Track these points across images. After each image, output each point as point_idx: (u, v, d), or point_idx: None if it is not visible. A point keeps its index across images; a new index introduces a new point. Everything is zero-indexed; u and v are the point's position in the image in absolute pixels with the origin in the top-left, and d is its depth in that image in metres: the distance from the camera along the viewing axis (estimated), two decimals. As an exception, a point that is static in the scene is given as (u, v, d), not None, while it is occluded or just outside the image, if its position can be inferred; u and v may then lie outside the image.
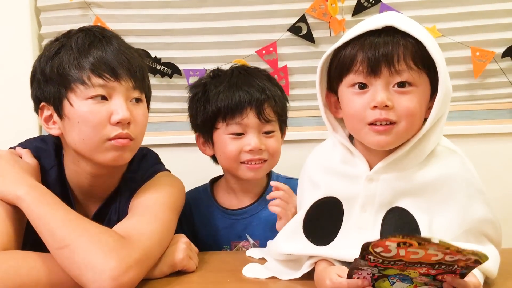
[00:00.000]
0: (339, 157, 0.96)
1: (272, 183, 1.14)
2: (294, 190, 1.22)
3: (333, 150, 0.98)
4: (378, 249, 0.70)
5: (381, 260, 0.73)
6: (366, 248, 0.70)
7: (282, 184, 1.13)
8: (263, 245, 1.24)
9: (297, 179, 1.29)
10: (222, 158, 1.24)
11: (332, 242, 0.92)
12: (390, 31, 0.84)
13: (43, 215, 0.89)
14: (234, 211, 1.29)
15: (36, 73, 1.02)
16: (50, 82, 0.99)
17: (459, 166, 0.89)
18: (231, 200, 1.31)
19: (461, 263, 0.71)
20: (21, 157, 1.05)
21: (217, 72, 1.28)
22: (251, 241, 1.27)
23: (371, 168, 0.91)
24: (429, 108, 0.87)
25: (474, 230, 0.88)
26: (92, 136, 0.97)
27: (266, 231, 1.25)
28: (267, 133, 1.22)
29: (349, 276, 0.79)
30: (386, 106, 0.83)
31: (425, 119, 0.87)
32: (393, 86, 0.84)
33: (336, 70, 0.90)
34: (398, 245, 0.68)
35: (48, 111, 1.02)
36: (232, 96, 1.19)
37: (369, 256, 0.72)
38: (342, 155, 0.95)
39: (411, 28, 0.84)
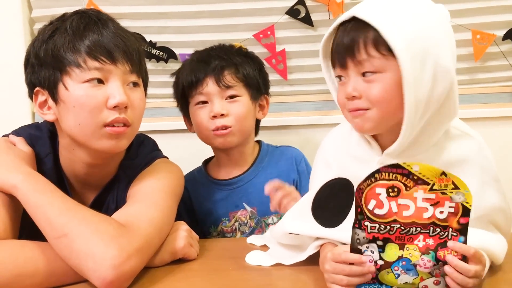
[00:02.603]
0: (355, 139, 0.95)
1: (268, 187, 1.13)
2: (282, 155, 1.35)
3: (350, 133, 0.97)
4: (371, 205, 0.73)
5: (377, 226, 0.74)
6: (359, 202, 0.74)
7: (277, 182, 1.14)
8: (260, 211, 1.30)
9: (286, 146, 1.40)
10: (196, 129, 1.31)
11: (341, 225, 0.91)
12: (357, 21, 0.84)
13: (40, 204, 0.87)
14: (228, 181, 1.33)
15: (30, 57, 0.99)
16: (45, 66, 0.96)
17: (475, 152, 0.88)
18: (224, 173, 1.35)
19: (453, 222, 0.73)
20: (14, 145, 1.02)
21: (193, 53, 1.37)
22: (249, 209, 1.30)
23: (383, 152, 0.90)
24: None
25: (484, 217, 0.87)
26: (89, 121, 0.94)
27: (262, 197, 1.27)
28: (231, 98, 1.26)
29: None
30: (354, 96, 0.86)
31: None
32: (362, 75, 0.85)
33: (331, 60, 0.92)
34: (388, 194, 0.73)
35: (42, 96, 0.99)
36: (192, 69, 1.27)
37: (365, 223, 0.74)
38: (358, 138, 0.95)
39: (371, 16, 0.82)
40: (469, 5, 1.61)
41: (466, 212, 0.73)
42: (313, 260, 0.92)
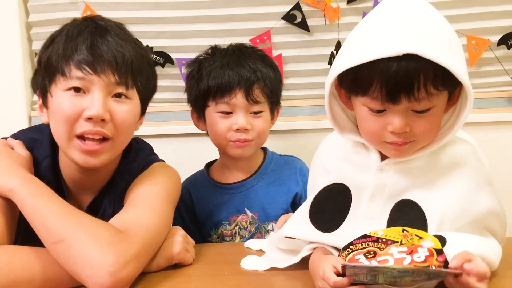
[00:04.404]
0: (351, 146, 0.95)
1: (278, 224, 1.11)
2: (286, 165, 1.35)
3: (346, 140, 0.96)
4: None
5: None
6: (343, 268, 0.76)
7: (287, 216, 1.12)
8: (261, 217, 1.30)
9: (291, 156, 1.40)
10: (212, 135, 1.29)
11: (337, 230, 0.91)
12: (411, 57, 0.76)
13: (37, 209, 0.86)
14: (231, 185, 1.33)
15: (39, 62, 1.02)
16: (41, 72, 0.98)
17: (470, 156, 0.89)
18: (227, 176, 1.35)
19: (432, 261, 0.75)
20: (13, 149, 1.02)
21: (214, 50, 1.32)
22: (250, 214, 1.30)
23: (382, 158, 0.90)
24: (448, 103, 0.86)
25: (478, 222, 0.87)
26: (63, 129, 0.94)
27: (264, 203, 1.31)
28: (255, 113, 1.25)
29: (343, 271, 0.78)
30: (405, 132, 0.83)
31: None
32: (412, 110, 0.82)
33: (351, 86, 0.86)
34: (366, 257, 0.78)
35: (39, 100, 1.02)
36: (223, 76, 1.23)
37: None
38: (355, 144, 0.95)
39: (437, 53, 0.76)
40: (464, 11, 1.62)
41: (440, 251, 0.76)
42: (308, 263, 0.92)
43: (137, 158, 1.10)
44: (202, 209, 1.32)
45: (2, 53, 1.68)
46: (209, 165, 1.41)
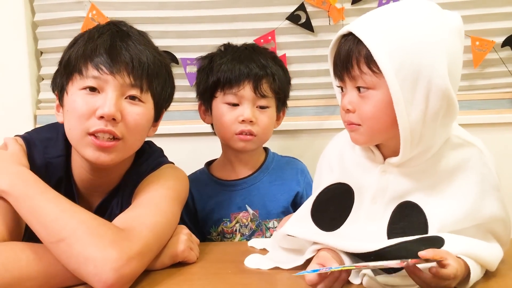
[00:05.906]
0: (359, 146, 0.95)
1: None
2: (288, 165, 1.37)
3: None
4: None
5: None
6: None
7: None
8: (262, 215, 1.31)
9: (292, 157, 1.41)
10: (218, 126, 1.30)
11: (338, 229, 0.91)
12: (354, 36, 0.84)
13: (33, 209, 0.85)
14: (232, 181, 1.34)
15: (59, 62, 1.03)
16: (60, 71, 1.00)
17: (476, 160, 0.87)
18: (229, 172, 1.36)
19: None
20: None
21: (226, 47, 1.35)
22: (251, 211, 1.31)
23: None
24: None
25: (482, 226, 0.87)
26: (76, 127, 0.95)
27: (265, 201, 1.32)
28: (261, 107, 1.28)
29: None
30: (348, 109, 0.87)
31: None
32: (358, 90, 0.86)
33: None
34: None
35: (57, 99, 1.03)
36: (233, 68, 1.26)
37: None
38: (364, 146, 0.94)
39: (365, 33, 0.82)
40: (469, 12, 1.62)
41: None
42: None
43: (147, 160, 1.10)
44: (203, 207, 1.33)
45: (8, 52, 1.69)
46: (209, 163, 1.41)
